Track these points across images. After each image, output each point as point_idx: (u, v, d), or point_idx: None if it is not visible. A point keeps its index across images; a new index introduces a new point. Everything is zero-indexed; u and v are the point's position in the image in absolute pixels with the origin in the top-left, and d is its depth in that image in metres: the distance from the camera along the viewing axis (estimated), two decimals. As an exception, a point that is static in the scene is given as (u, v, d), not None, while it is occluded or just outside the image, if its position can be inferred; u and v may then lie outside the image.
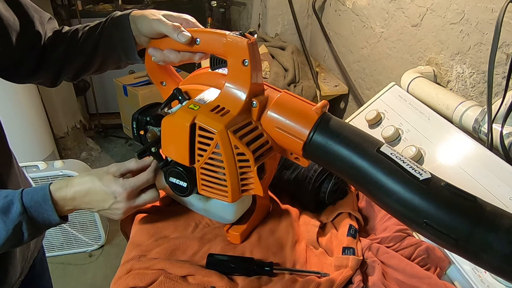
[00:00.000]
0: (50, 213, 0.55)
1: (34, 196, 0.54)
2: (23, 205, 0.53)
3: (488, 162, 0.65)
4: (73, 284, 1.72)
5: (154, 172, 0.61)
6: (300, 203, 0.81)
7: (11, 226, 0.52)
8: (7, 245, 0.53)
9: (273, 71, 1.38)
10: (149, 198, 0.61)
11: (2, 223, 0.51)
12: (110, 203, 0.58)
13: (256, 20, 1.96)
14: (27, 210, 0.53)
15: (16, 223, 0.52)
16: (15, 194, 0.53)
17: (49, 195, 0.55)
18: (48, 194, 0.55)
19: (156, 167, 0.62)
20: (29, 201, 0.53)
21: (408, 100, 0.86)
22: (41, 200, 0.54)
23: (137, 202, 0.60)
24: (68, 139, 2.51)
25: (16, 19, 0.59)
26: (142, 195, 0.61)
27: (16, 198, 0.53)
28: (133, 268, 0.62)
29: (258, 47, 0.54)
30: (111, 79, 2.49)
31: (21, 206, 0.52)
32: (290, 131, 0.53)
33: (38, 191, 0.55)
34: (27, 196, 0.54)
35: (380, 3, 1.14)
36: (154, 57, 0.62)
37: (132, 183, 0.58)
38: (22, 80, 0.66)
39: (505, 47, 0.73)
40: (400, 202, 0.43)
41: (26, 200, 0.53)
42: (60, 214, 0.56)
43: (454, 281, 0.64)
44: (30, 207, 0.53)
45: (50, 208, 0.54)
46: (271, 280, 0.62)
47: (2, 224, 0.51)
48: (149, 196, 0.61)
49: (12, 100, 1.83)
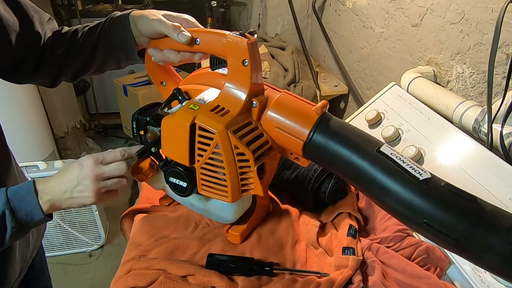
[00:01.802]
0: (32, 205, 0.54)
1: (18, 189, 0.54)
2: (7, 196, 0.53)
3: (488, 162, 0.65)
4: (73, 284, 1.72)
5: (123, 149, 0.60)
6: (300, 203, 0.81)
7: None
8: None
9: (273, 71, 1.38)
10: (115, 166, 0.58)
11: None
12: (77, 172, 0.56)
13: (256, 20, 1.96)
14: (9, 201, 0.53)
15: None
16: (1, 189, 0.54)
17: (32, 187, 0.55)
18: (31, 186, 0.55)
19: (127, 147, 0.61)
20: (13, 193, 0.54)
21: (408, 100, 0.86)
22: (24, 192, 0.54)
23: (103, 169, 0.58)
24: (68, 139, 2.50)
25: (15, 19, 0.59)
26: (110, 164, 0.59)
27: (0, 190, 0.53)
28: (133, 268, 0.62)
29: (258, 47, 0.54)
30: (111, 79, 2.49)
31: (4, 197, 0.53)
32: (290, 131, 0.53)
33: (23, 185, 0.55)
34: (12, 190, 0.54)
35: (380, 3, 1.14)
36: (154, 57, 0.62)
37: (99, 154, 0.58)
38: (22, 81, 0.66)
39: (505, 47, 0.73)
40: (400, 202, 0.43)
41: (10, 192, 0.54)
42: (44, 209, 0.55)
43: (454, 281, 0.64)
44: (13, 198, 0.53)
45: (33, 199, 0.54)
46: (271, 280, 0.62)
47: None
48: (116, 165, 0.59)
49: (12, 100, 1.83)
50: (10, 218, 0.53)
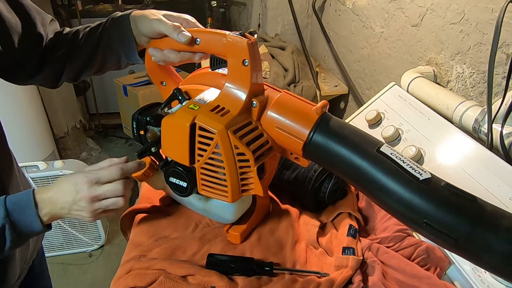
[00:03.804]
0: (32, 219, 0.54)
1: (18, 200, 0.53)
2: (6, 210, 0.52)
3: (488, 162, 0.65)
4: (73, 284, 1.72)
5: (120, 168, 0.58)
6: (300, 203, 0.81)
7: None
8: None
9: (273, 71, 1.38)
10: (111, 188, 0.56)
11: None
12: (74, 194, 0.55)
13: (256, 20, 1.96)
14: (9, 214, 0.52)
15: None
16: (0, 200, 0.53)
17: (32, 200, 0.54)
18: (31, 198, 0.54)
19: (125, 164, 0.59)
20: (12, 205, 0.53)
21: (408, 100, 0.86)
22: (24, 204, 0.53)
23: (98, 191, 0.56)
24: (68, 139, 2.50)
25: (18, 21, 0.59)
26: (105, 185, 0.56)
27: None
28: (133, 268, 0.62)
29: (258, 47, 0.54)
30: (111, 79, 2.49)
31: (3, 210, 0.52)
32: (290, 131, 0.53)
33: (22, 196, 0.54)
34: (10, 201, 0.53)
35: (380, 3, 1.14)
36: (154, 57, 0.62)
37: (94, 173, 0.56)
38: (24, 81, 0.67)
39: (505, 47, 0.73)
40: (400, 202, 0.43)
41: (9, 204, 0.53)
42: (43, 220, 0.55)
43: (454, 281, 0.64)
44: (13, 211, 0.52)
45: (33, 212, 0.53)
46: (271, 280, 0.62)
47: None
48: (112, 186, 0.56)
49: (12, 100, 1.83)
50: (9, 232, 0.52)
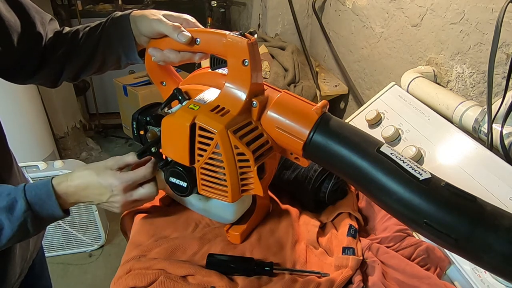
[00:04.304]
0: (54, 209, 0.55)
1: (38, 192, 0.54)
2: (28, 202, 0.53)
3: (488, 162, 0.65)
4: (73, 284, 1.72)
5: (152, 168, 0.61)
6: (300, 203, 0.81)
7: (16, 223, 0.52)
8: (13, 240, 0.54)
9: (273, 71, 1.38)
10: (146, 192, 0.60)
11: (8, 221, 0.52)
12: (108, 196, 0.58)
13: (256, 20, 1.96)
14: (31, 206, 0.53)
15: (21, 221, 0.52)
16: (18, 191, 0.53)
17: (52, 191, 0.55)
18: (51, 190, 0.55)
19: (155, 163, 0.62)
20: (33, 198, 0.54)
21: (408, 100, 0.86)
22: (44, 196, 0.55)
23: (134, 196, 0.60)
24: (68, 139, 2.51)
25: (17, 20, 0.59)
26: (140, 189, 0.60)
27: (19, 195, 0.53)
28: (133, 268, 0.62)
29: (258, 47, 0.54)
30: (111, 79, 2.49)
31: (25, 203, 0.53)
32: (290, 131, 0.53)
33: (41, 187, 0.55)
34: (31, 193, 0.54)
35: (380, 3, 1.14)
36: (154, 57, 0.62)
37: (128, 177, 0.58)
38: (23, 81, 0.67)
39: (505, 47, 0.73)
40: (400, 202, 0.43)
41: (29, 197, 0.53)
42: (63, 208, 0.57)
43: (454, 281, 0.64)
44: (34, 203, 0.54)
45: (54, 203, 0.55)
46: (271, 280, 0.62)
47: (8, 222, 0.52)
48: (147, 190, 0.61)
49: (12, 100, 1.83)
50: (31, 223, 0.54)
